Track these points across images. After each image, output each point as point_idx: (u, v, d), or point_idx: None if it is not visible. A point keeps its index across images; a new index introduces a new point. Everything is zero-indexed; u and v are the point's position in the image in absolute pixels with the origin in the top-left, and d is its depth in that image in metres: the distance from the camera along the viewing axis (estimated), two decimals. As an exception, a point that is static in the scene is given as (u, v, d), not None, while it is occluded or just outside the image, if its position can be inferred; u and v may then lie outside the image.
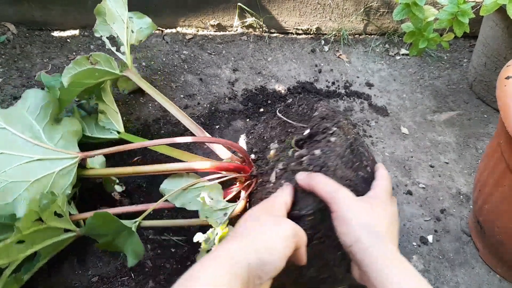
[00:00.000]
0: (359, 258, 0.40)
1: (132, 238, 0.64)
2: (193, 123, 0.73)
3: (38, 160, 0.61)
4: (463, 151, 1.02)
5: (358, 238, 0.40)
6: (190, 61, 1.15)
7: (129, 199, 0.79)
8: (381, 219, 0.43)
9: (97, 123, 0.77)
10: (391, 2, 1.26)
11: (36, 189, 0.59)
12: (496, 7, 0.89)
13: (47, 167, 0.61)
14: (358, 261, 0.40)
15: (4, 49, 1.05)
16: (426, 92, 1.18)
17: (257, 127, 0.75)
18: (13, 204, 0.57)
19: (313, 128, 0.58)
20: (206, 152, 0.89)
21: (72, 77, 0.67)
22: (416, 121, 1.09)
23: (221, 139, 0.68)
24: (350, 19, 1.30)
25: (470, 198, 0.91)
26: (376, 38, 1.33)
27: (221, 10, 1.22)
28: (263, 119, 0.76)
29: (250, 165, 0.65)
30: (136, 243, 0.64)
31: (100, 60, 0.70)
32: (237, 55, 1.20)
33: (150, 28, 0.89)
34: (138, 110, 0.98)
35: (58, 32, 1.14)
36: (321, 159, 0.52)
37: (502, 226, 0.68)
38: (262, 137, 0.70)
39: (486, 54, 1.08)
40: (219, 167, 0.64)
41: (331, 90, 1.14)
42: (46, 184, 0.60)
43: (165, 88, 1.05)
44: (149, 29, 0.89)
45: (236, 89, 1.10)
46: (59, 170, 0.62)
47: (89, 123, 0.78)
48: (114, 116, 0.79)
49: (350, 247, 0.41)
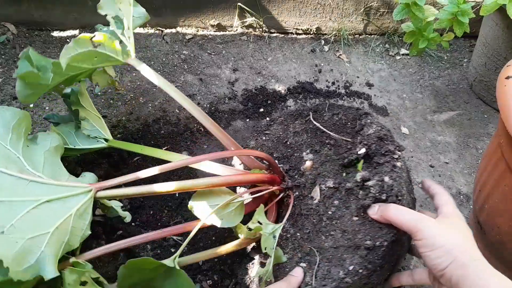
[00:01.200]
0: (456, 277, 0.42)
1: (175, 276, 0.53)
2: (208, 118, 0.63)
3: (47, 202, 0.48)
4: (463, 151, 1.02)
5: (454, 258, 0.42)
6: (190, 61, 1.15)
7: (128, 199, 0.79)
8: (466, 236, 0.45)
9: (78, 132, 0.67)
10: (391, 2, 1.26)
11: (57, 239, 0.47)
12: (496, 7, 0.89)
13: (62, 209, 0.49)
14: (454, 281, 0.42)
15: (4, 49, 1.05)
16: (426, 92, 1.18)
17: (273, 127, 0.70)
18: (38, 266, 0.44)
19: (370, 147, 0.56)
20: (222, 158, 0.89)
21: (71, 58, 0.55)
22: (416, 121, 1.09)
23: (251, 150, 0.61)
24: (350, 19, 1.30)
25: (470, 198, 0.90)
26: (376, 38, 1.33)
27: (221, 10, 1.22)
28: (280, 120, 0.71)
29: (280, 175, 0.61)
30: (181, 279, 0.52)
31: (104, 42, 0.59)
32: (237, 55, 1.20)
33: (143, 18, 0.76)
34: (138, 110, 0.98)
35: (58, 32, 1.14)
36: (394, 188, 0.51)
37: (502, 226, 0.68)
38: (283, 141, 0.66)
39: (486, 54, 1.08)
40: (254, 180, 0.58)
41: (331, 90, 1.14)
42: (66, 230, 0.48)
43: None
44: (142, 19, 0.79)
45: (236, 89, 1.10)
46: (76, 210, 0.50)
47: (67, 133, 0.68)
48: (98, 123, 0.69)
49: (444, 269, 0.43)
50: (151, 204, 0.80)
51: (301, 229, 0.56)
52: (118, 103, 0.99)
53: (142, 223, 0.77)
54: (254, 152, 0.59)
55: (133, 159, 0.86)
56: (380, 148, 0.55)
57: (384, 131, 0.58)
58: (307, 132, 0.65)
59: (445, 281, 0.43)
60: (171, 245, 0.74)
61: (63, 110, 0.93)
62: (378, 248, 0.49)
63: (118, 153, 0.86)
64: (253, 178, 0.58)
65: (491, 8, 0.90)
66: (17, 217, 0.45)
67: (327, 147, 0.61)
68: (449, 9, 0.96)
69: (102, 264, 0.71)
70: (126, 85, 1.04)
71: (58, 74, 0.58)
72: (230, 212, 0.55)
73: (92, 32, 0.63)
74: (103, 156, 0.86)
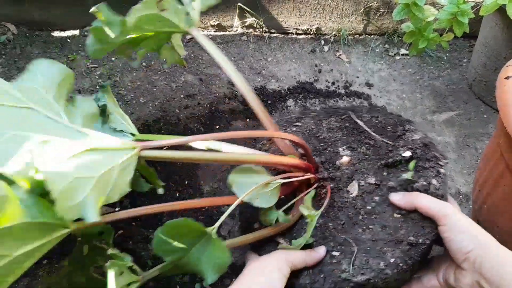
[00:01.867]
0: (480, 258, 0.45)
1: (213, 247, 0.51)
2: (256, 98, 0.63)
3: (93, 150, 0.46)
4: (463, 151, 1.02)
5: (478, 242, 0.45)
6: (190, 61, 1.15)
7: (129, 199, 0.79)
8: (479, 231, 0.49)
9: (104, 126, 0.65)
10: (391, 2, 1.26)
11: (101, 187, 0.46)
12: (496, 7, 0.90)
13: (107, 160, 0.47)
14: (478, 264, 0.45)
15: (5, 49, 1.05)
16: (426, 92, 1.18)
17: (304, 120, 0.70)
18: (81, 208, 0.44)
19: (415, 151, 0.59)
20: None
21: (136, 18, 0.55)
22: (416, 121, 1.09)
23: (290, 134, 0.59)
24: (350, 19, 1.30)
25: (469, 198, 0.91)
26: (376, 38, 1.34)
27: (221, 10, 1.22)
28: (312, 114, 0.72)
29: (315, 166, 0.61)
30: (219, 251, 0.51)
31: (169, 7, 0.59)
32: (237, 55, 1.20)
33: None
34: (138, 110, 0.98)
35: (58, 32, 1.14)
36: (440, 191, 0.55)
37: (501, 226, 0.69)
38: (316, 136, 0.67)
39: (486, 54, 1.08)
40: (296, 164, 0.57)
41: (331, 90, 1.14)
42: (109, 181, 0.47)
43: (165, 88, 1.05)
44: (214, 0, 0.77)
45: (236, 89, 1.10)
46: (120, 163, 0.48)
47: (94, 127, 0.65)
48: (124, 118, 0.70)
49: (469, 252, 0.45)
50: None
51: (334, 220, 0.57)
52: (119, 103, 0.99)
53: (143, 223, 0.77)
54: (292, 136, 0.58)
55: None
56: (425, 154, 0.59)
57: (429, 139, 0.62)
58: (342, 130, 0.66)
59: (469, 265, 0.46)
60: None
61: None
62: (420, 245, 0.51)
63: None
64: (295, 163, 0.57)
65: (491, 8, 0.90)
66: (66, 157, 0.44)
67: (366, 146, 0.63)
68: (449, 9, 0.96)
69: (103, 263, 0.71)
70: (127, 85, 1.04)
71: (123, 32, 0.58)
72: (267, 192, 0.54)
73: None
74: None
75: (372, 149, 0.62)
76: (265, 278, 0.46)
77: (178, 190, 0.83)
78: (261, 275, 0.47)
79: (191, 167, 0.88)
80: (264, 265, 0.48)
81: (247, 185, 0.53)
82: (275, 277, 0.46)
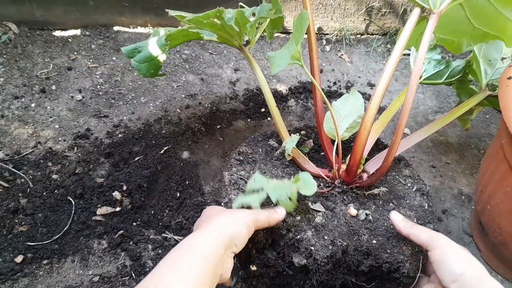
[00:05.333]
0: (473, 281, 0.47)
1: None
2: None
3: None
4: (465, 152, 1.01)
5: (464, 271, 0.47)
6: (191, 61, 1.15)
7: (130, 198, 0.79)
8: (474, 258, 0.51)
9: None
10: (392, 2, 1.26)
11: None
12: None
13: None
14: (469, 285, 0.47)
15: (6, 49, 1.05)
16: (428, 92, 1.18)
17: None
18: None
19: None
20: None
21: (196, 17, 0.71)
22: (418, 121, 1.08)
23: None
24: (352, 19, 1.29)
25: (472, 199, 0.90)
26: (377, 38, 1.33)
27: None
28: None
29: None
30: None
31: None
32: (238, 55, 1.20)
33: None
34: (139, 110, 0.98)
35: (59, 31, 1.14)
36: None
37: (504, 226, 0.68)
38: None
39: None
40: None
41: (333, 90, 1.14)
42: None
43: (167, 88, 1.05)
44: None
45: (237, 89, 1.09)
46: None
47: None
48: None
49: (458, 276, 0.47)
50: (152, 204, 0.80)
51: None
52: (120, 102, 0.99)
53: (143, 223, 0.77)
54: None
55: (134, 158, 0.86)
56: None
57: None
58: None
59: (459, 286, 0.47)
60: (172, 244, 0.74)
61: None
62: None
63: (119, 153, 0.87)
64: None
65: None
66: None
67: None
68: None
69: (104, 263, 0.70)
70: (128, 84, 1.04)
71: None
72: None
73: (93, 31, 0.63)
74: (105, 156, 0.86)
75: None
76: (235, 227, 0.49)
77: (179, 190, 0.83)
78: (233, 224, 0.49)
79: (192, 167, 0.87)
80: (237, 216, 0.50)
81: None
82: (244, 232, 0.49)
